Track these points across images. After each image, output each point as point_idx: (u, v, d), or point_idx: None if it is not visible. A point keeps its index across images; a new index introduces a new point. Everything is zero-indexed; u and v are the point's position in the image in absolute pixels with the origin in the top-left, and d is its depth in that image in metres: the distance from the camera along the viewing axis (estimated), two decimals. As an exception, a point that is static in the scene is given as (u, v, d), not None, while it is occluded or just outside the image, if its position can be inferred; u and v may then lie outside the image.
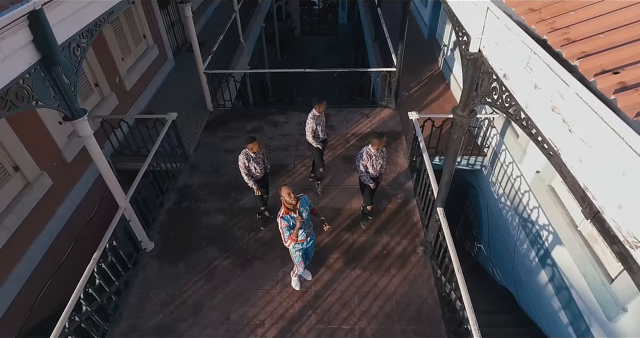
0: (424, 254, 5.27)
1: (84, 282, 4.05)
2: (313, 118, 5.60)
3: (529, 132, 2.57)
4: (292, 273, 4.90)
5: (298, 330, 4.52)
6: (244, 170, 5.06)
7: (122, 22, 7.60)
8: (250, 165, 5.08)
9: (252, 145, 4.90)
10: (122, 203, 4.82)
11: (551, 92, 2.26)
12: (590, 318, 4.16)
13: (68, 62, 3.73)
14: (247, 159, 5.02)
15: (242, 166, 5.04)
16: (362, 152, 5.01)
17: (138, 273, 5.15)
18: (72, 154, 5.98)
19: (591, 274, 4.07)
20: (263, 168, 5.26)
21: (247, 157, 5.02)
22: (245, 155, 5.01)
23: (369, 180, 5.13)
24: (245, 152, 5.00)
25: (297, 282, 4.88)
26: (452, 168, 4.29)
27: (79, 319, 3.94)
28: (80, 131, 3.99)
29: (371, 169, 5.10)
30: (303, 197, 4.25)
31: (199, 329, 4.54)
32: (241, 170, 5.07)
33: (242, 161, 5.01)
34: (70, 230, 5.90)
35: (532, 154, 5.36)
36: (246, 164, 5.04)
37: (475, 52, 3.31)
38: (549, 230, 4.93)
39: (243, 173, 5.09)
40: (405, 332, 4.47)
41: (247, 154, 5.01)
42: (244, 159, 5.01)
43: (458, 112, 3.73)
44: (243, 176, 5.11)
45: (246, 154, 5.01)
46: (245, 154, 5.01)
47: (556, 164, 2.27)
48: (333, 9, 23.77)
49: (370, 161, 5.02)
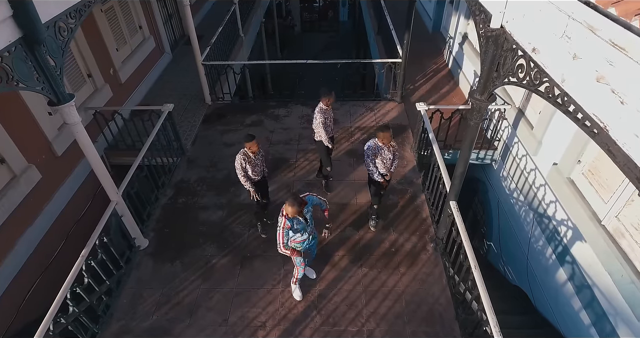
0: (434, 251, 4.98)
1: (70, 280, 3.75)
2: (320, 112, 5.18)
3: (565, 110, 2.29)
4: (292, 281, 4.50)
5: (302, 332, 4.23)
6: (241, 171, 4.65)
7: (117, 11, 7.31)
8: (248, 167, 4.69)
9: (250, 144, 4.51)
10: (113, 197, 4.52)
11: (596, 60, 1.97)
12: (617, 318, 3.86)
13: (53, 42, 3.44)
14: (245, 160, 4.62)
15: (239, 168, 4.63)
16: (370, 146, 4.71)
17: (131, 271, 4.85)
18: (62, 147, 5.69)
19: (618, 271, 3.78)
20: (261, 171, 4.86)
21: (245, 158, 4.62)
22: (244, 156, 4.61)
23: (378, 175, 4.83)
24: (244, 153, 4.61)
25: (299, 292, 4.48)
26: (467, 157, 4.00)
27: (65, 321, 3.64)
28: (67, 118, 3.70)
29: (382, 167, 4.77)
30: (309, 197, 3.91)
31: (195, 331, 4.24)
32: (238, 172, 4.66)
33: (239, 162, 4.61)
34: (60, 227, 5.61)
35: (548, 145, 5.07)
36: (243, 166, 4.64)
37: (497, 28, 3.02)
38: (568, 225, 4.64)
39: (240, 176, 4.68)
40: (417, 334, 4.18)
41: (245, 155, 4.61)
42: (241, 159, 4.60)
43: (476, 96, 3.43)
44: (240, 178, 4.70)
45: (244, 154, 4.61)
46: (244, 155, 4.61)
47: (603, 142, 1.98)
48: (334, 6, 23.53)
49: (381, 156, 4.71)
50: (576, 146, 4.48)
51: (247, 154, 4.61)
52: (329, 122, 5.29)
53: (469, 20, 8.04)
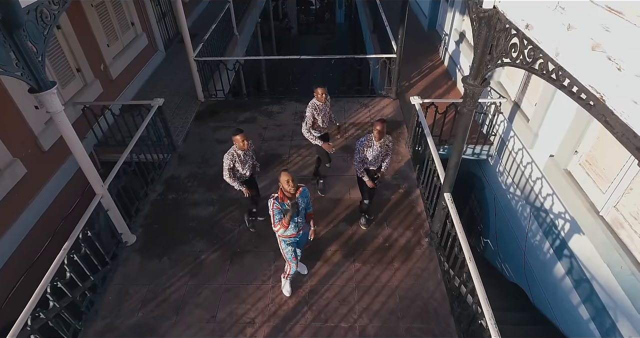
0: (429, 246, 4.86)
1: (51, 274, 3.61)
2: (311, 106, 4.96)
3: (560, 85, 2.19)
4: (282, 276, 4.34)
5: (292, 328, 4.09)
6: (227, 173, 4.43)
7: (108, 6, 7.22)
8: (238, 166, 4.47)
9: (237, 138, 4.27)
10: (99, 190, 4.39)
11: (591, 28, 1.87)
12: (617, 312, 3.74)
13: (35, 27, 3.34)
14: (232, 159, 4.38)
15: (226, 169, 4.40)
16: (362, 139, 4.54)
17: (117, 267, 4.71)
18: (49, 142, 5.56)
19: (617, 263, 3.66)
20: (251, 165, 4.62)
21: (234, 157, 4.38)
22: (231, 156, 4.37)
23: (362, 172, 4.63)
24: (232, 152, 4.37)
25: (288, 288, 4.32)
26: (461, 147, 3.89)
27: (44, 316, 3.49)
28: (49, 105, 3.58)
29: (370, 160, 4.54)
30: (304, 189, 3.78)
31: (182, 328, 4.09)
32: (224, 173, 4.44)
33: (227, 162, 4.38)
34: (47, 224, 5.46)
35: (545, 137, 4.98)
36: (230, 166, 4.41)
37: (490, 8, 2.93)
38: (565, 218, 4.53)
39: (226, 177, 4.45)
40: (411, 330, 4.04)
41: (233, 155, 4.37)
42: (229, 159, 4.37)
43: (469, 81, 3.34)
44: (226, 179, 4.47)
45: (232, 154, 4.37)
46: (232, 155, 4.37)
47: (599, 113, 1.88)
48: (330, 8, 23.54)
49: (371, 151, 4.52)
50: (573, 136, 4.38)
51: (234, 153, 4.38)
52: (323, 118, 5.06)
53: (464, 16, 7.98)
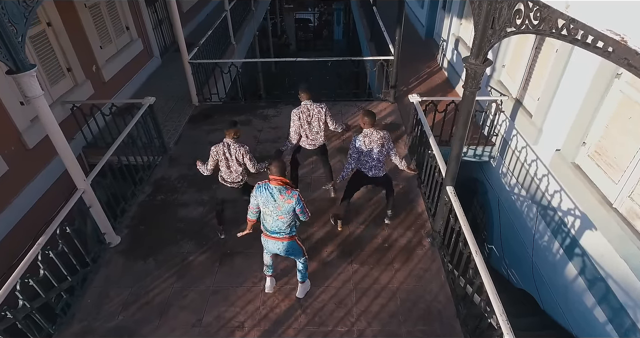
0: (431, 246, 4.58)
1: (22, 269, 3.32)
2: (294, 112, 4.49)
3: (572, 39, 2.00)
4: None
5: (284, 332, 3.76)
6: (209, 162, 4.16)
7: (102, 9, 7.15)
8: (221, 164, 4.11)
9: (229, 132, 3.95)
10: (80, 185, 4.14)
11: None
12: (637, 311, 3.44)
13: (15, 7, 3.19)
14: (218, 152, 4.03)
15: (210, 158, 4.10)
16: (357, 135, 4.24)
17: (99, 269, 4.41)
18: (34, 139, 5.34)
19: (635, 256, 3.38)
20: (237, 177, 4.18)
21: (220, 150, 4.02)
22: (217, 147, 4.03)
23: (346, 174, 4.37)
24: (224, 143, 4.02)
25: (269, 283, 4.03)
26: (463, 136, 3.68)
27: (12, 316, 3.19)
28: (27, 89, 3.39)
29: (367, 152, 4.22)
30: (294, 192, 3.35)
31: (164, 332, 3.76)
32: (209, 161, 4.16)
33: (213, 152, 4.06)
34: (30, 225, 5.18)
35: (549, 132, 4.77)
36: (214, 158, 4.08)
37: (491, -22, 2.78)
38: (575, 214, 4.27)
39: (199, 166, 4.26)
40: (414, 333, 3.72)
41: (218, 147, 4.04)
42: (216, 150, 4.05)
43: (470, 60, 3.16)
44: (198, 167, 4.29)
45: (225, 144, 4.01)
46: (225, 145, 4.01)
47: (621, 58, 1.68)
48: (328, 25, 23.84)
49: (369, 141, 4.17)
50: (580, 127, 4.17)
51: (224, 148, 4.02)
52: (308, 125, 4.51)
53: (461, 21, 7.93)
